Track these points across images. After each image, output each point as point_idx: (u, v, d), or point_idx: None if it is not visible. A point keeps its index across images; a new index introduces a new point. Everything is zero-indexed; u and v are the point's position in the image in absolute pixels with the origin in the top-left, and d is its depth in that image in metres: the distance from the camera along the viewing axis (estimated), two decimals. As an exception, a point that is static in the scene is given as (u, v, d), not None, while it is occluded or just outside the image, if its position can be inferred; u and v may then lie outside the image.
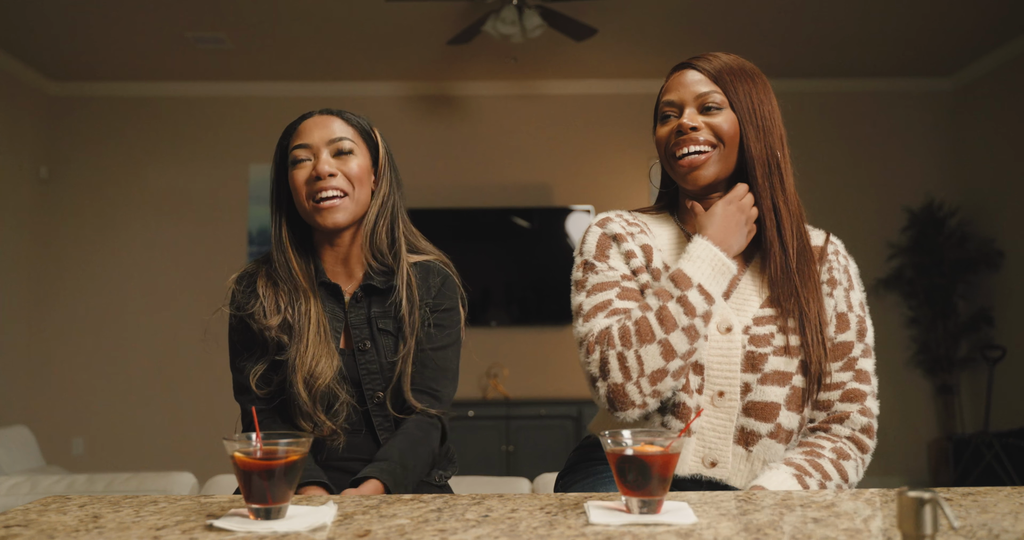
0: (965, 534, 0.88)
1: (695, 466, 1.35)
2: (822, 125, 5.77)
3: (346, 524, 0.94)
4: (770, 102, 1.40)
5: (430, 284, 1.56)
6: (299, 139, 1.52)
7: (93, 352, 5.65)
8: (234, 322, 1.56)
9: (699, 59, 1.42)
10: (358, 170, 1.52)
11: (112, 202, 5.77)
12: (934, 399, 5.64)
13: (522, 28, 4.16)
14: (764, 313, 1.37)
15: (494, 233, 5.81)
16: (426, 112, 5.92)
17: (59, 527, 0.92)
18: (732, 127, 1.37)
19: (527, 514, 0.98)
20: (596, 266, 1.40)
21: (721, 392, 1.33)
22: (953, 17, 4.81)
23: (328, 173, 1.48)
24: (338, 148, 1.51)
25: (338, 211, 1.49)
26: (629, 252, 1.40)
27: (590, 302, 1.37)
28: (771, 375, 1.33)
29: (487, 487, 2.47)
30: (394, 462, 1.40)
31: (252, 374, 1.49)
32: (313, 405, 1.45)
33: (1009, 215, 5.34)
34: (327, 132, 1.52)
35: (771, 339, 1.34)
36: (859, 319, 1.41)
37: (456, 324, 1.59)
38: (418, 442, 1.47)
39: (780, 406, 1.33)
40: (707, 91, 1.38)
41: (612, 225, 1.43)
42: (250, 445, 0.97)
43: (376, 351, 1.52)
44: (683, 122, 1.38)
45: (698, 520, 0.94)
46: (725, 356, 1.33)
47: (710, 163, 1.38)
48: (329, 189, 1.48)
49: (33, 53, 5.23)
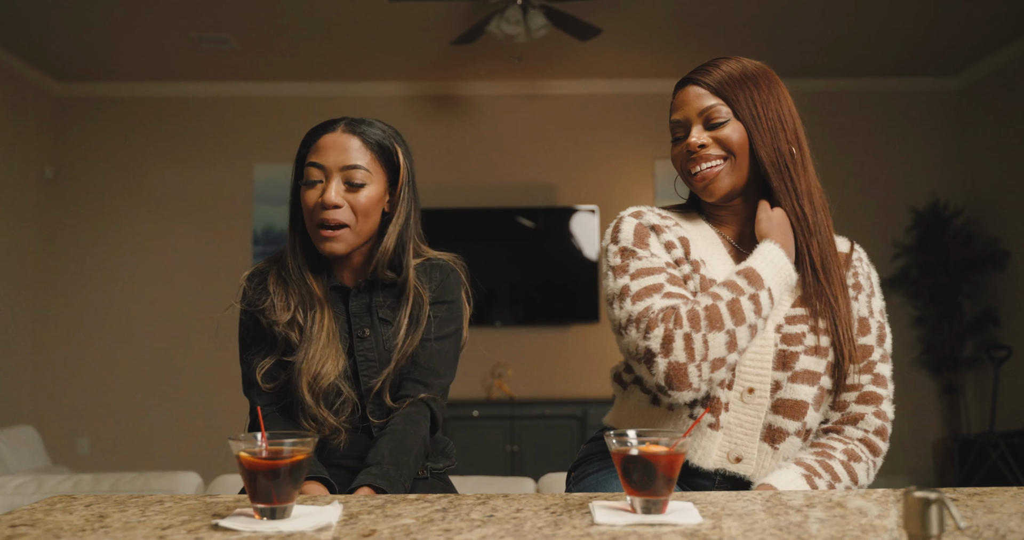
0: (971, 534, 0.88)
1: (720, 460, 1.35)
2: (827, 125, 5.76)
3: (351, 524, 0.94)
4: (776, 100, 1.39)
5: (432, 277, 1.56)
6: (315, 156, 1.50)
7: (98, 352, 5.67)
8: (244, 318, 1.57)
9: (699, 72, 1.42)
10: (366, 202, 1.49)
11: (117, 202, 5.78)
12: (939, 399, 5.64)
13: (526, 28, 4.16)
14: (796, 312, 1.37)
15: (498, 233, 5.81)
16: (430, 112, 5.92)
17: (65, 527, 0.93)
18: (740, 137, 1.37)
19: (532, 514, 0.98)
20: (637, 252, 1.37)
21: (751, 388, 1.34)
22: (958, 16, 4.80)
23: (334, 204, 1.46)
24: (350, 177, 1.48)
25: (337, 242, 1.48)
26: (668, 243, 1.39)
27: (638, 284, 1.32)
28: (801, 374, 1.34)
29: (492, 487, 2.47)
30: (385, 464, 1.39)
31: (259, 368, 1.50)
32: (317, 404, 1.46)
33: (1014, 214, 5.33)
34: (343, 157, 1.48)
35: (803, 338, 1.35)
36: (879, 325, 1.44)
37: (456, 318, 1.58)
38: (405, 434, 1.46)
39: (808, 405, 1.34)
40: (710, 105, 1.38)
41: (648, 216, 1.42)
42: (255, 445, 0.97)
43: (375, 338, 1.52)
44: (690, 141, 1.38)
45: (703, 520, 0.94)
46: (757, 353, 1.34)
47: (723, 175, 1.38)
48: (331, 221, 1.47)
49: (39, 54, 5.24)
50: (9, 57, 5.21)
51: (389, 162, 1.54)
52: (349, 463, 1.50)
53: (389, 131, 1.55)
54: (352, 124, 1.52)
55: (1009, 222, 5.38)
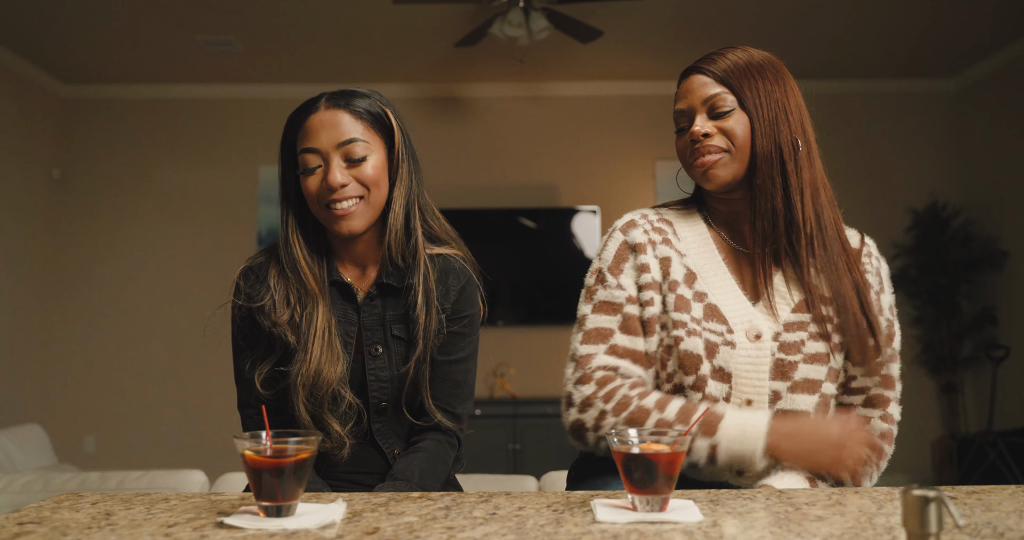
0: (970, 532, 0.88)
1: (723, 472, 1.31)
2: (826, 126, 5.64)
3: (355, 521, 0.94)
4: (783, 92, 1.35)
5: (449, 286, 1.46)
6: (307, 141, 1.38)
7: (105, 351, 5.68)
8: (238, 317, 1.43)
9: (705, 61, 1.38)
10: (372, 172, 1.39)
11: (123, 203, 5.80)
12: (938, 398, 5.64)
13: (528, 30, 4.17)
14: (795, 318, 1.33)
15: (501, 233, 5.82)
16: (433, 113, 5.93)
17: (72, 524, 0.93)
18: (744, 128, 1.32)
19: (534, 512, 0.98)
20: (607, 280, 1.38)
21: (749, 400, 1.30)
22: (956, 18, 4.80)
23: (340, 184, 1.36)
24: (349, 153, 1.37)
25: (354, 218, 1.38)
26: (643, 266, 1.36)
27: (594, 321, 1.36)
28: (801, 383, 1.30)
29: (494, 485, 2.47)
30: (413, 483, 1.34)
31: (257, 374, 1.40)
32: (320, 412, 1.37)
33: (1012, 215, 5.33)
34: (336, 134, 1.37)
35: (802, 346, 1.32)
36: (888, 323, 1.40)
37: (475, 333, 1.50)
38: (437, 461, 1.42)
39: (809, 414, 1.31)
40: (715, 94, 1.34)
41: (635, 233, 1.39)
42: (260, 443, 0.98)
43: (388, 357, 1.43)
44: (694, 130, 1.34)
45: (704, 518, 0.95)
46: (753, 364, 1.30)
47: (724, 164, 1.33)
48: (344, 199, 1.37)
49: (45, 56, 5.26)
50: (17, 60, 5.23)
51: (383, 127, 1.43)
52: (352, 476, 1.45)
53: (375, 96, 1.45)
54: (334, 98, 1.41)
55: (1007, 222, 5.38)
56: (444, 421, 1.45)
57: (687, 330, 1.31)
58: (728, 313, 1.34)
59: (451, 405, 1.47)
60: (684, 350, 1.30)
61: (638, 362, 1.35)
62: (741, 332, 1.32)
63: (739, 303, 1.35)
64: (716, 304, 1.34)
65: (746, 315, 1.34)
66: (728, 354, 1.30)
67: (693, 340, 1.30)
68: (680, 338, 1.31)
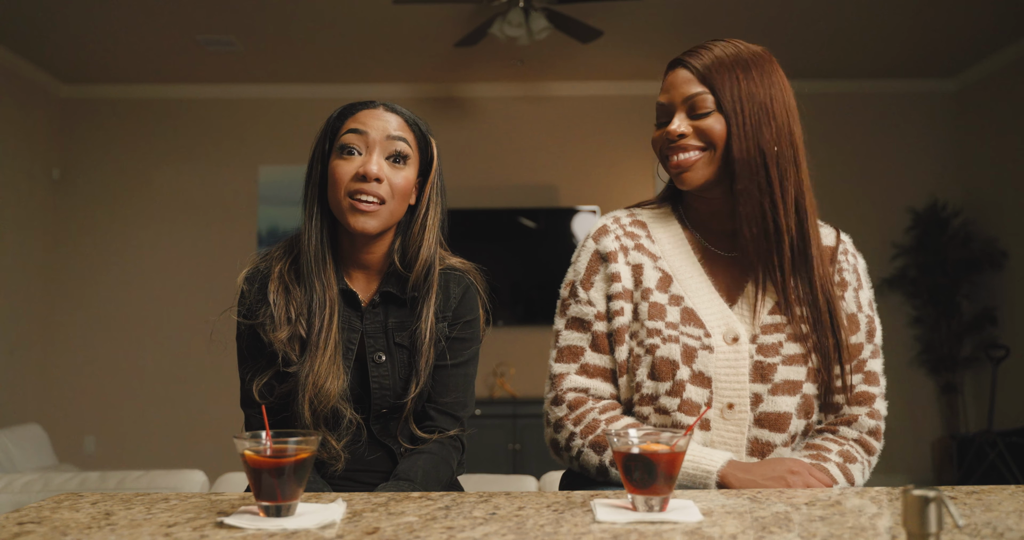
0: (970, 532, 0.88)
1: None
2: (826, 126, 5.76)
3: (355, 521, 0.94)
4: (767, 91, 1.30)
5: (450, 292, 1.46)
6: (355, 123, 1.37)
7: (105, 351, 5.69)
8: (243, 329, 1.43)
9: (691, 54, 1.34)
10: (404, 183, 1.38)
11: (123, 203, 5.81)
12: (938, 398, 5.64)
13: (528, 30, 4.17)
14: (772, 320, 1.33)
15: (501, 233, 5.83)
16: (433, 114, 5.93)
17: (72, 524, 0.93)
18: (722, 129, 1.29)
19: (534, 512, 0.98)
20: (578, 294, 1.39)
21: (731, 404, 1.29)
22: (956, 19, 4.80)
23: (375, 176, 1.34)
24: (394, 150, 1.37)
25: (372, 218, 1.35)
26: (614, 275, 1.36)
27: (566, 338, 1.39)
28: (781, 385, 1.30)
29: (494, 485, 2.47)
30: (416, 483, 1.34)
31: (255, 383, 1.40)
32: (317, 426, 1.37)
33: (1012, 215, 5.34)
34: (388, 127, 1.38)
35: (779, 348, 1.31)
36: (868, 319, 1.39)
37: (476, 337, 1.50)
38: (441, 462, 1.42)
39: (792, 416, 1.30)
40: (695, 93, 1.30)
41: (606, 241, 1.39)
42: (260, 443, 0.98)
43: (391, 365, 1.42)
44: (670, 129, 1.32)
45: (704, 518, 0.95)
46: (732, 367, 1.30)
47: (699, 165, 1.31)
48: (371, 195, 1.34)
49: (45, 56, 5.26)
50: (16, 59, 5.23)
51: (425, 151, 1.44)
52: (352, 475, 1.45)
53: (425, 123, 1.47)
54: (390, 105, 1.42)
55: (1007, 223, 5.39)
56: (446, 425, 1.46)
57: (662, 337, 1.31)
58: (705, 317, 1.33)
59: (453, 409, 1.48)
60: (660, 357, 1.30)
61: (609, 379, 1.37)
62: (719, 335, 1.32)
63: (716, 306, 1.34)
64: (693, 308, 1.33)
65: (723, 318, 1.33)
66: (707, 358, 1.30)
67: (669, 346, 1.30)
68: (655, 346, 1.30)
